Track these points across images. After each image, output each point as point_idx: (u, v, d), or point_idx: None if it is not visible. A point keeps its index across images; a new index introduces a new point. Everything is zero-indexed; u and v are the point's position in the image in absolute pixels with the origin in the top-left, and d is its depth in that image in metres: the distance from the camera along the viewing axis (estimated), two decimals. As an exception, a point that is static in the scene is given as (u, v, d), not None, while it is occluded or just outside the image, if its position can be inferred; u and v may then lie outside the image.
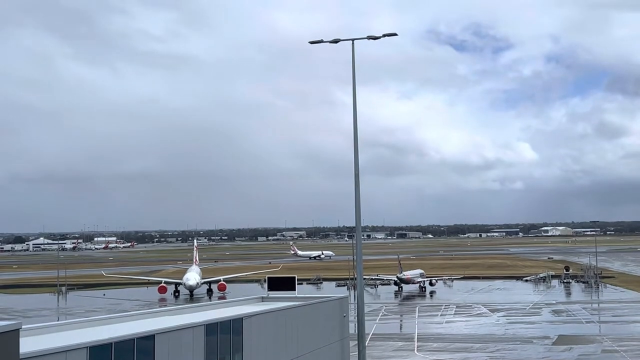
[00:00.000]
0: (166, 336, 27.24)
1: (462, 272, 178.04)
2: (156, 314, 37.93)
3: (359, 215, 46.37)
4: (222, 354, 31.33)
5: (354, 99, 46.68)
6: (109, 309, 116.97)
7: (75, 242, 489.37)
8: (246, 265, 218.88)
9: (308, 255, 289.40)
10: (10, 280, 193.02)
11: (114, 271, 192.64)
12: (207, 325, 30.30)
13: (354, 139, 46.45)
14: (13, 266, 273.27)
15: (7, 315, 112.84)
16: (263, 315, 36.41)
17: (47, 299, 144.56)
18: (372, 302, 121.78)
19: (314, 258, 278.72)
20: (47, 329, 28.53)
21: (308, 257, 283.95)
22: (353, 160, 46.34)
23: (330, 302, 45.09)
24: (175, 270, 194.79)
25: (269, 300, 44.16)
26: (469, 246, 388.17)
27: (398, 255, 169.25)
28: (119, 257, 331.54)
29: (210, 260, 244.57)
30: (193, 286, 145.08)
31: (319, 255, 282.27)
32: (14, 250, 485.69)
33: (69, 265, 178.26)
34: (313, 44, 47.56)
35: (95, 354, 22.63)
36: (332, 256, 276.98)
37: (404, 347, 76.53)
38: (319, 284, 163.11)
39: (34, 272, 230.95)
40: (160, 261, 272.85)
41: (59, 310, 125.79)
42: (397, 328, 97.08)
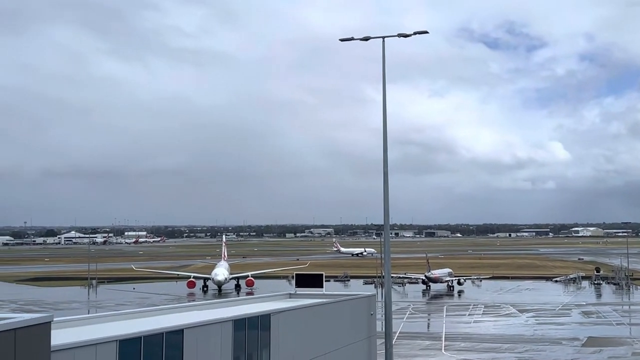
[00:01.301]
0: (195, 331, 27.44)
1: (491, 271, 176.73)
2: (185, 308, 38.23)
3: (387, 213, 46.24)
4: (250, 350, 31.48)
5: (384, 96, 46.55)
6: (139, 303, 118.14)
7: (106, 236, 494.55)
8: (274, 262, 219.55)
9: (350, 252, 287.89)
10: (42, 273, 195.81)
11: (144, 265, 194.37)
12: (235, 321, 30.45)
13: (384, 137, 46.31)
14: (45, 259, 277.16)
15: (38, 308, 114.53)
16: (291, 311, 36.49)
17: (78, 291, 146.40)
18: (399, 301, 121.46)
19: (357, 255, 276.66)
20: (78, 322, 28.88)
21: (350, 253, 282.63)
22: (382, 158, 46.21)
23: (358, 300, 45.06)
24: (204, 266, 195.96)
25: (297, 296, 44.23)
26: (498, 246, 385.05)
27: (426, 253, 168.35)
28: (149, 252, 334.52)
29: (238, 256, 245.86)
30: (221, 281, 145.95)
31: (361, 253, 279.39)
32: (46, 243, 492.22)
33: (99, 259, 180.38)
34: (343, 41, 47.49)
35: (125, 348, 22.88)
36: (374, 253, 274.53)
37: (431, 346, 76.24)
38: (347, 281, 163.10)
39: (65, 265, 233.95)
40: (189, 256, 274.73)
41: (89, 303, 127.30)
42: (425, 327, 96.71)
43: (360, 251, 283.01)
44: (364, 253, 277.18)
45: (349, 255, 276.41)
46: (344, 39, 47.43)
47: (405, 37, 46.24)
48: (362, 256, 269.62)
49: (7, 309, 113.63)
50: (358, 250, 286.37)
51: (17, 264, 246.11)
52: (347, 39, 47.12)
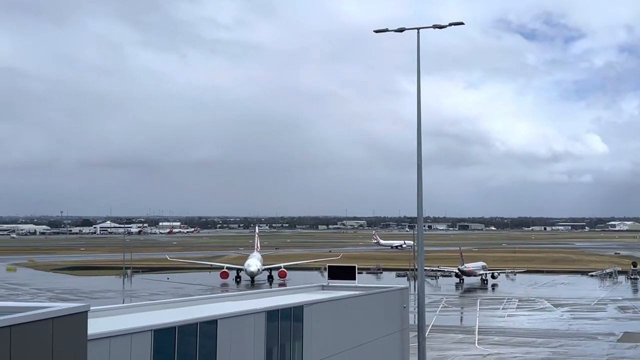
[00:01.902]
0: (228, 321, 27.59)
1: (526, 265, 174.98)
2: (218, 299, 38.47)
3: (420, 205, 45.98)
4: (283, 341, 31.59)
5: (418, 88, 46.22)
6: (173, 293, 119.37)
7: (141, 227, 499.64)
8: (306, 253, 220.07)
9: (390, 244, 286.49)
10: (78, 262, 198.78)
11: (178, 256, 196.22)
12: (269, 312, 30.55)
13: (418, 129, 46.01)
14: (81, 248, 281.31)
15: (74, 297, 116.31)
16: (323, 303, 36.50)
17: (113, 281, 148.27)
18: (432, 294, 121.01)
19: (396, 247, 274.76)
20: (113, 311, 29.22)
21: (390, 246, 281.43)
22: (416, 150, 45.94)
23: (391, 293, 44.92)
24: (237, 256, 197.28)
25: (329, 288, 44.22)
26: (533, 239, 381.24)
27: (459, 247, 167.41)
28: (183, 242, 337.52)
29: (271, 247, 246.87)
30: (254, 272, 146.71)
31: (400, 245, 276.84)
32: (81, 232, 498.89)
33: (134, 249, 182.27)
34: (378, 32, 47.20)
35: (159, 337, 23.08)
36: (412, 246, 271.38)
37: (464, 340, 75.86)
38: (379, 273, 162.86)
39: (100, 254, 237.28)
40: (223, 247, 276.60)
41: (124, 292, 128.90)
42: (458, 320, 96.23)
43: (400, 243, 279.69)
44: (403, 245, 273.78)
45: (389, 248, 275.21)
46: (378, 31, 47.13)
47: (441, 29, 45.82)
48: (401, 249, 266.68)
49: (44, 298, 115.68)
50: (398, 243, 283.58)
51: (54, 253, 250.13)
52: (382, 30, 46.82)
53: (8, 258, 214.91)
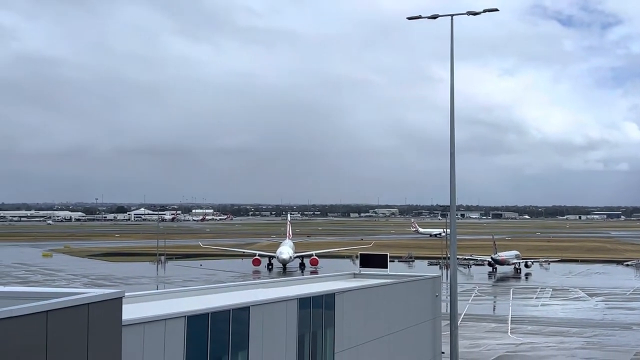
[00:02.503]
0: (260, 308, 27.72)
1: (560, 254, 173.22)
2: (251, 286, 38.68)
3: (453, 194, 45.69)
4: (314, 328, 31.65)
5: (451, 75, 45.82)
6: (206, 279, 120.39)
7: (174, 214, 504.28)
8: (338, 241, 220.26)
9: (429, 232, 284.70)
10: (113, 249, 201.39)
11: (211, 242, 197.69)
12: (300, 299, 30.62)
13: (451, 116, 45.66)
14: (115, 235, 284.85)
15: (109, 282, 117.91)
16: (355, 291, 36.50)
17: (147, 267, 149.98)
18: (465, 282, 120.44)
19: (435, 236, 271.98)
20: (147, 297, 29.53)
21: (429, 234, 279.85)
22: (449, 137, 45.60)
23: (423, 281, 44.75)
24: (269, 244, 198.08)
25: (361, 276, 44.19)
26: (568, 228, 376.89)
27: (493, 235, 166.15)
28: (216, 229, 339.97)
29: (303, 235, 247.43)
30: (286, 260, 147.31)
31: (439, 233, 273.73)
32: (116, 219, 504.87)
33: (168, 236, 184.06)
34: (411, 19, 46.82)
35: (193, 323, 23.29)
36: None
37: (497, 329, 75.45)
38: (411, 262, 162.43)
39: (135, 241, 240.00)
40: (255, 234, 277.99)
41: (158, 278, 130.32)
42: (490, 309, 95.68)
43: (439, 232, 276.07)
44: (442, 234, 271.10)
45: (427, 236, 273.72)
46: (411, 17, 46.73)
47: (475, 15, 45.32)
48: (440, 237, 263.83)
49: (79, 284, 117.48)
50: (437, 231, 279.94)
51: (89, 239, 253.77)
52: (415, 17, 46.43)
53: (44, 244, 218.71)
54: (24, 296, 16.60)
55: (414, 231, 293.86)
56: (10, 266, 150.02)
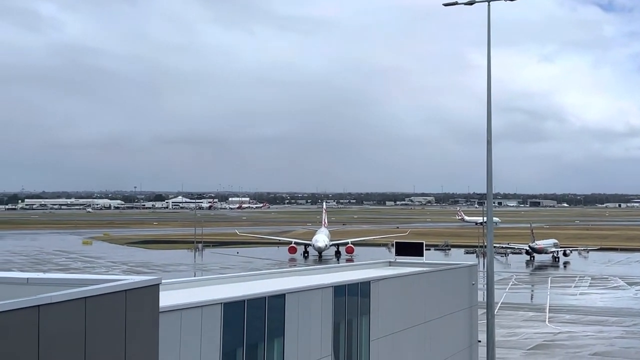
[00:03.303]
0: (296, 296, 27.81)
1: (599, 243, 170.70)
2: (287, 273, 38.82)
3: (490, 181, 45.28)
4: (350, 316, 31.68)
5: (488, 62, 45.31)
6: (242, 267, 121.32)
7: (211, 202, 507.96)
8: (374, 229, 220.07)
9: (475, 220, 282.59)
10: (151, 236, 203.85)
11: (247, 230, 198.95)
12: (336, 287, 30.64)
13: (487, 104, 45.19)
14: (154, 223, 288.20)
15: (147, 269, 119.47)
16: (390, 279, 36.42)
17: (184, 254, 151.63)
18: (502, 271, 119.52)
19: (480, 224, 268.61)
20: (185, 284, 29.82)
21: (474, 222, 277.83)
22: (486, 125, 45.13)
23: (459, 269, 44.48)
24: (304, 232, 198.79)
25: (396, 264, 44.06)
26: (607, 216, 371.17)
27: (530, 223, 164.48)
28: (252, 217, 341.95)
29: (338, 223, 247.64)
30: (322, 248, 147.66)
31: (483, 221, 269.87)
32: (154, 207, 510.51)
33: (205, 223, 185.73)
34: (447, 6, 46.33)
35: (229, 310, 23.46)
36: (499, 223, 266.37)
37: (534, 318, 74.80)
38: (447, 250, 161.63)
39: (172, 228, 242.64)
40: (291, 222, 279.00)
41: (195, 266, 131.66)
42: (528, 298, 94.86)
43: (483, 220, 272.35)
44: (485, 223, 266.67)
45: (473, 224, 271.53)
46: (447, 4, 46.22)
47: (513, 1, 44.69)
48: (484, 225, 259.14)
49: (118, 271, 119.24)
50: (481, 219, 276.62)
51: (128, 227, 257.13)
52: (451, 3, 45.91)
53: (84, 232, 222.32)
54: (63, 283, 16.86)
55: (460, 219, 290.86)
56: (52, 253, 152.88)
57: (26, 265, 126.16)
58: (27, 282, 16.97)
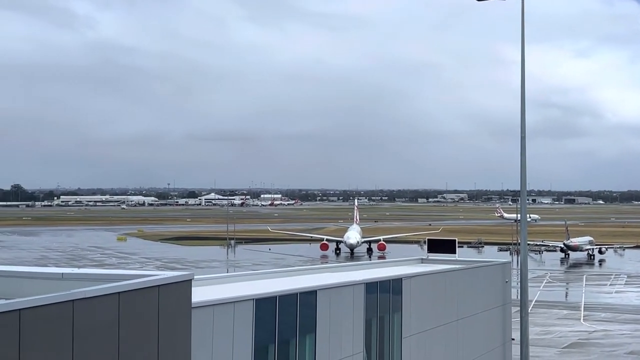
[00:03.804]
0: (328, 292, 27.78)
1: (635, 240, 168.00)
2: (318, 270, 38.83)
3: (524, 178, 44.79)
4: (382, 313, 31.57)
5: (522, 57, 44.77)
6: (274, 263, 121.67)
7: (243, 199, 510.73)
8: (406, 226, 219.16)
9: (514, 217, 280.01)
10: (184, 233, 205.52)
11: (279, 227, 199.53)
12: (368, 284, 30.55)
13: (521, 99, 44.67)
14: (187, 219, 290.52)
15: (180, 265, 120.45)
16: (423, 276, 36.22)
17: (217, 251, 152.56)
18: (536, 269, 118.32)
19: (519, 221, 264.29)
20: (217, 280, 29.99)
21: (514, 219, 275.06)
22: (520, 121, 44.63)
23: (492, 267, 44.09)
24: (336, 229, 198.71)
25: (429, 262, 43.81)
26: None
27: (565, 221, 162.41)
28: (284, 214, 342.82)
29: (370, 220, 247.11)
30: (354, 245, 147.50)
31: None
32: (187, 204, 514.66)
33: (237, 220, 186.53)
34: (481, 0, 45.90)
35: (261, 306, 23.52)
36: (538, 219, 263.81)
37: (569, 316, 73.92)
38: (480, 247, 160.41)
39: (205, 225, 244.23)
40: (322, 219, 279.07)
41: (227, 262, 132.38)
42: (562, 296, 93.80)
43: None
44: (528, 219, 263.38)
45: (512, 221, 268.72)
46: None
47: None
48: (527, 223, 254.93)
49: (152, 266, 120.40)
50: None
51: (162, 223, 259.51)
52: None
53: (119, 228, 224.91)
54: (97, 278, 17.07)
55: (499, 216, 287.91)
56: (87, 249, 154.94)
57: (62, 261, 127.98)
58: (62, 278, 17.21)
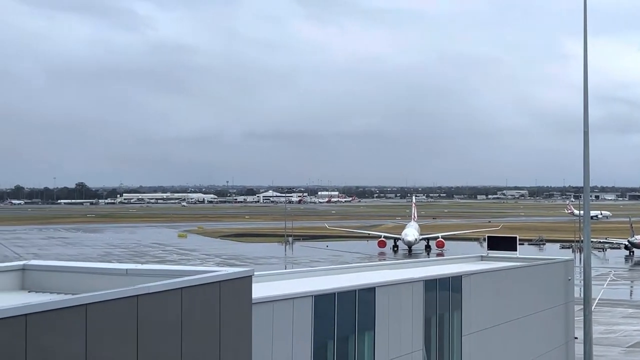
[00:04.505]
0: (386, 289, 27.73)
1: None
2: (376, 267, 38.78)
3: (587, 174, 43.81)
4: (441, 310, 31.35)
5: (584, 51, 43.78)
6: (332, 260, 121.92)
7: (301, 196, 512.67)
8: (465, 224, 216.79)
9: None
10: (243, 230, 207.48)
11: (336, 224, 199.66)
12: (426, 281, 30.39)
13: (584, 94, 43.67)
14: (245, 216, 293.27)
15: (239, 262, 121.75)
16: (483, 274, 35.82)
17: (275, 248, 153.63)
18: (599, 266, 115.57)
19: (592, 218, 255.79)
20: (276, 277, 30.24)
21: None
22: (582, 116, 43.67)
23: (554, 264, 43.27)
24: (394, 226, 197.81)
25: (489, 259, 43.29)
26: None
27: (630, 217, 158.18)
28: (341, 211, 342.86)
29: (428, 217, 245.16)
30: (412, 242, 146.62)
31: (596, 216, 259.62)
32: (246, 201, 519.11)
33: (294, 217, 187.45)
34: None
35: (320, 302, 23.65)
36: (609, 216, 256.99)
37: (634, 315, 72.16)
38: (542, 245, 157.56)
39: (263, 222, 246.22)
40: (380, 216, 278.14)
41: (286, 259, 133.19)
42: (627, 294, 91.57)
43: (595, 214, 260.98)
44: (599, 216, 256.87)
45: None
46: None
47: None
48: (597, 219, 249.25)
49: (212, 263, 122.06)
50: (593, 213, 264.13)
51: (221, 220, 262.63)
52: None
53: (179, 225, 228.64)
54: (161, 273, 17.38)
55: (569, 213, 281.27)
56: (149, 246, 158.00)
57: (125, 257, 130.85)
58: (126, 273, 17.59)
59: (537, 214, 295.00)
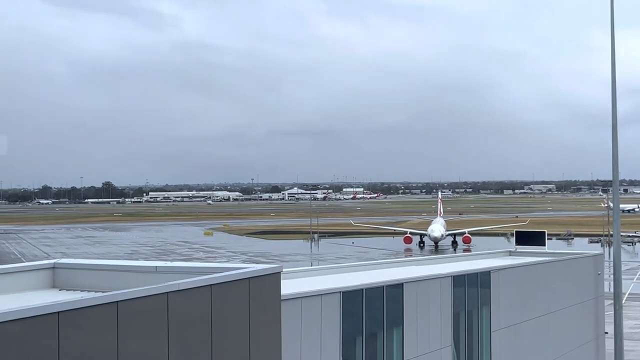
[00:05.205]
0: (414, 285, 27.63)
1: None
2: (403, 263, 38.65)
3: (616, 168, 43.32)
4: (470, 306, 31.16)
5: (612, 43, 43.23)
6: (358, 257, 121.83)
7: (326, 192, 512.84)
8: (491, 219, 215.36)
9: (622, 208, 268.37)
10: (269, 227, 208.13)
11: (362, 221, 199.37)
12: (455, 277, 30.22)
13: (612, 87, 43.14)
14: (271, 213, 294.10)
15: (265, 259, 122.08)
16: (511, 269, 35.55)
17: (301, 244, 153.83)
18: (629, 261, 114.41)
19: (628, 211, 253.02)
20: (304, 273, 30.27)
21: (621, 210, 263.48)
22: (610, 109, 43.14)
23: (584, 259, 42.84)
24: (419, 222, 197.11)
25: (517, 254, 42.96)
26: None
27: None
28: (366, 208, 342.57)
29: (454, 213, 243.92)
30: (438, 237, 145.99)
31: (632, 209, 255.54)
32: (271, 199, 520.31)
33: (320, 214, 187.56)
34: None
35: (347, 298, 23.62)
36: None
37: (665, 310, 71.10)
38: (570, 239, 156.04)
39: (288, 219, 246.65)
40: (405, 212, 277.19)
41: (312, 256, 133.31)
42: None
43: (632, 207, 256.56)
44: (635, 210, 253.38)
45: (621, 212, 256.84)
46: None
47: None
48: (633, 213, 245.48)
49: (238, 260, 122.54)
50: (629, 207, 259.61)
51: (246, 218, 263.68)
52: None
53: (205, 223, 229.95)
54: (190, 271, 17.49)
55: (606, 207, 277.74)
56: (175, 244, 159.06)
57: (152, 255, 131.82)
58: (155, 271, 17.70)
59: (565, 209, 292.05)
